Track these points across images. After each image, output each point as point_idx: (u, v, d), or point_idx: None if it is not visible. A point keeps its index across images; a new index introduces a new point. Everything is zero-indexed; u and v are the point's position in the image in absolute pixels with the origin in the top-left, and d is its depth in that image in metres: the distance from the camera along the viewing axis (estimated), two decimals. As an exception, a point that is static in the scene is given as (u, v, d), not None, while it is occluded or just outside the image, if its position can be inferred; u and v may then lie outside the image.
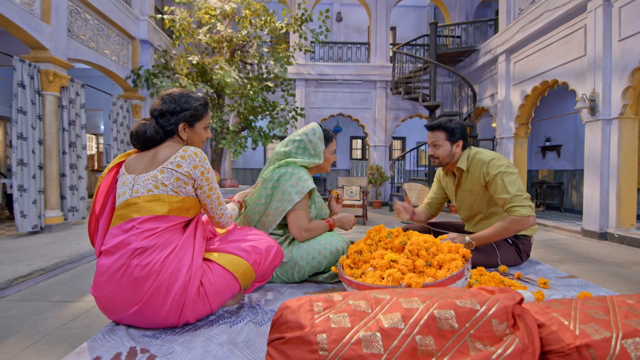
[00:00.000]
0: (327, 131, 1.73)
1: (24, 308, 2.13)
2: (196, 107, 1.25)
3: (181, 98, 1.24)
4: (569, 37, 4.84)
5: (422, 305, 0.74)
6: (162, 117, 1.22)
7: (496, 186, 1.72)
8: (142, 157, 1.19)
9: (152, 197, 1.10)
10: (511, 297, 0.77)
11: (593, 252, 3.63)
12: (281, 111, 6.92)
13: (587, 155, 4.51)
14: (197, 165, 1.15)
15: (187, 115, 1.24)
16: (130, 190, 1.12)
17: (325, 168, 1.76)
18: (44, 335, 1.76)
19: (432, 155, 1.92)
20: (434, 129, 1.90)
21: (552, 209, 7.55)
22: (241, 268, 1.18)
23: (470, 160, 1.88)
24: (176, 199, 1.13)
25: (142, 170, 1.15)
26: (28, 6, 3.73)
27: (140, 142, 1.19)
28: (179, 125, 1.23)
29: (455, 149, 1.89)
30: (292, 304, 0.79)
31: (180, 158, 1.14)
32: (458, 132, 1.88)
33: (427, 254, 1.08)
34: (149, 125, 1.20)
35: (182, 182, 1.13)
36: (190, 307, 1.04)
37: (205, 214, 1.27)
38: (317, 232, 1.55)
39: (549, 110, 7.72)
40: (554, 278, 1.58)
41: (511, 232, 1.65)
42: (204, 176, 1.17)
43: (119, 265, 1.01)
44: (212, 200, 1.22)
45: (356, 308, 0.76)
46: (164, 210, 1.10)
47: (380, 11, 8.77)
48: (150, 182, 1.11)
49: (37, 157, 3.90)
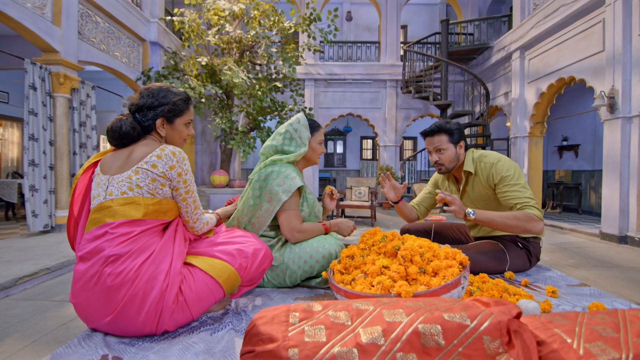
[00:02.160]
0: (313, 121, 1.68)
1: (26, 307, 2.14)
2: (175, 101, 1.19)
3: (160, 92, 1.18)
4: (587, 32, 4.64)
5: (406, 318, 0.67)
6: (139, 112, 1.17)
7: (506, 189, 1.63)
8: (118, 155, 1.14)
9: (127, 200, 1.04)
10: (506, 311, 0.70)
11: (611, 256, 3.46)
12: (290, 111, 6.90)
13: (606, 155, 4.31)
14: (174, 165, 1.09)
15: (165, 110, 1.17)
16: (104, 193, 1.07)
17: (313, 159, 1.69)
18: (43, 335, 1.77)
19: (437, 161, 1.81)
20: (434, 133, 1.79)
21: (570, 210, 7.28)
22: (225, 273, 1.13)
23: (477, 163, 1.78)
24: (152, 202, 1.07)
25: (116, 171, 1.10)
26: (39, 10, 3.80)
27: (116, 138, 1.14)
28: (156, 121, 1.17)
29: (459, 150, 1.79)
30: (267, 313, 0.74)
31: (156, 157, 1.08)
32: (457, 132, 1.79)
33: (421, 260, 1.01)
34: (124, 121, 1.15)
35: (158, 184, 1.08)
36: (168, 315, 0.99)
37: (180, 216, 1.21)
38: (311, 234, 1.50)
39: (565, 108, 7.46)
40: (564, 286, 1.48)
41: (520, 226, 1.51)
42: (181, 178, 1.11)
43: (92, 273, 0.97)
44: (188, 204, 1.16)
45: (335, 320, 0.70)
46: (139, 214, 1.04)
47: (391, 9, 8.65)
48: (125, 184, 1.06)
49: (48, 157, 3.97)
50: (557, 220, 5.82)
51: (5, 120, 7.33)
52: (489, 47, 7.28)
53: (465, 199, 1.88)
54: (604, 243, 4.16)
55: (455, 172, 1.90)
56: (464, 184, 1.84)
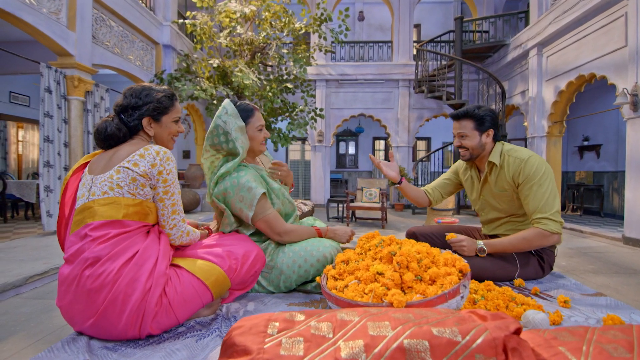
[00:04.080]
0: (245, 105, 1.48)
1: (34, 306, 2.18)
2: (159, 99, 1.18)
3: (142, 91, 1.17)
4: (608, 27, 4.44)
5: (392, 332, 0.62)
6: (124, 112, 1.15)
7: (529, 191, 1.53)
8: (103, 156, 1.13)
9: (107, 200, 1.03)
10: (503, 326, 0.63)
11: (635, 262, 3.28)
12: (300, 112, 6.88)
13: (629, 155, 4.11)
14: (156, 163, 1.07)
15: (150, 109, 1.16)
16: (87, 193, 1.06)
17: (256, 149, 1.50)
18: (46, 334, 1.78)
19: (460, 146, 1.70)
20: (460, 117, 1.68)
21: (591, 213, 6.98)
22: (213, 275, 1.09)
23: (504, 156, 1.66)
24: (132, 202, 1.05)
25: (100, 171, 1.09)
26: (55, 15, 3.90)
27: (101, 139, 1.14)
28: (142, 121, 1.16)
29: (485, 139, 1.67)
30: (246, 322, 0.70)
31: (139, 156, 1.07)
32: (488, 119, 1.65)
33: (418, 267, 0.96)
34: (110, 122, 1.14)
35: (138, 184, 1.05)
36: (150, 318, 0.96)
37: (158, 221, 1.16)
38: (300, 235, 1.42)
39: (586, 106, 7.17)
40: (578, 295, 1.38)
41: (533, 246, 1.48)
42: (160, 176, 1.08)
43: (74, 276, 0.96)
44: (165, 207, 1.11)
45: (316, 332, 0.65)
46: (119, 214, 1.02)
47: (403, 8, 8.53)
48: (106, 184, 1.04)
49: (63, 159, 4.07)
50: (577, 223, 5.59)
51: (27, 122, 7.59)
52: (504, 44, 7.08)
53: (486, 191, 1.77)
54: (627, 248, 3.95)
55: (478, 161, 1.78)
56: (486, 174, 1.73)
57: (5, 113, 7.10)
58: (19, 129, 7.57)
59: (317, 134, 8.58)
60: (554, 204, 1.50)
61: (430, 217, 5.33)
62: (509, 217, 1.75)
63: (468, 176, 1.88)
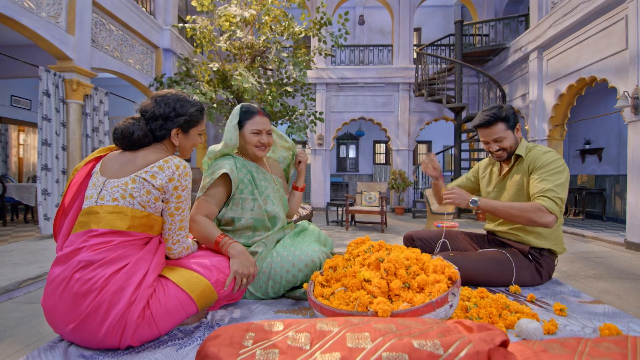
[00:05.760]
0: (249, 106, 1.53)
1: (26, 310, 2.16)
2: (192, 112, 1.16)
3: (177, 102, 1.14)
4: (608, 30, 4.41)
5: (371, 344, 0.59)
6: (153, 120, 1.12)
7: (540, 175, 1.53)
8: (119, 158, 1.10)
9: (115, 209, 1.00)
10: (488, 339, 0.60)
11: (637, 267, 3.22)
12: (300, 116, 6.88)
13: (631, 159, 4.06)
14: (174, 178, 1.05)
15: (181, 121, 1.14)
16: (96, 195, 1.03)
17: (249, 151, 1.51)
18: (36, 339, 1.76)
19: (499, 149, 1.70)
20: (491, 124, 1.67)
21: (593, 217, 6.91)
22: (199, 287, 1.05)
23: (528, 151, 1.70)
24: (140, 214, 1.02)
25: (114, 174, 1.05)
26: (54, 19, 3.92)
27: (125, 143, 1.10)
28: (171, 131, 1.14)
29: (517, 134, 1.71)
30: (222, 332, 0.68)
31: (158, 168, 1.04)
32: (512, 116, 1.69)
33: (406, 274, 0.93)
34: (138, 126, 1.10)
35: (152, 197, 1.03)
36: (132, 331, 0.93)
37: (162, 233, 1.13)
38: (201, 231, 1.29)
39: (587, 110, 7.12)
40: (575, 303, 1.34)
41: (525, 217, 1.44)
42: (176, 191, 1.06)
43: (63, 277, 0.94)
44: (174, 221, 1.09)
45: (292, 343, 0.63)
46: (124, 225, 1.00)
47: (403, 12, 8.54)
48: (118, 190, 1.01)
49: (61, 162, 4.07)
50: (579, 227, 5.53)
51: (28, 126, 7.62)
52: (505, 48, 7.07)
53: (503, 183, 1.79)
54: (629, 253, 3.89)
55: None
56: (510, 167, 1.74)
57: (7, 116, 7.13)
58: (20, 132, 7.60)
59: (317, 137, 8.56)
60: (561, 192, 1.48)
61: (430, 221, 5.29)
62: None
63: (489, 171, 1.91)
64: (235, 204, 1.45)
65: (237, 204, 1.45)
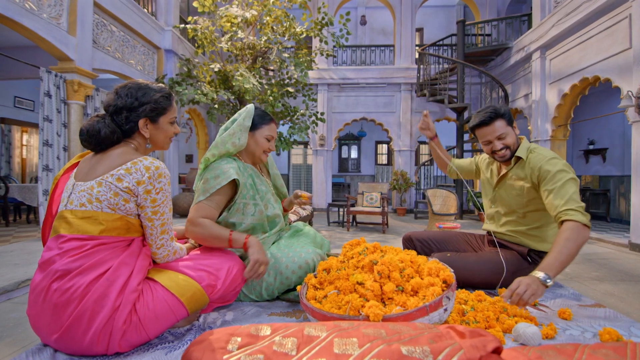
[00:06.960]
0: (265, 113, 1.51)
1: (24, 311, 2.15)
2: (157, 99, 1.09)
3: (139, 91, 1.08)
4: (612, 29, 4.37)
5: (358, 350, 0.58)
6: (117, 113, 1.06)
7: (552, 188, 1.46)
8: (90, 160, 1.06)
9: (85, 214, 0.95)
10: (480, 346, 0.58)
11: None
12: (302, 116, 6.87)
13: (635, 160, 4.01)
14: (143, 181, 0.98)
15: (147, 110, 1.07)
16: (66, 199, 1.00)
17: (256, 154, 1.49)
18: (32, 341, 1.75)
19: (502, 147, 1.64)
20: (492, 120, 1.62)
21: (597, 218, 6.85)
22: (189, 291, 1.02)
23: (529, 152, 1.65)
24: (112, 218, 0.97)
25: (82, 177, 1.02)
26: (55, 20, 3.93)
27: (93, 143, 1.04)
28: (139, 122, 1.08)
29: (515, 132, 1.69)
30: (208, 337, 0.66)
31: (124, 171, 0.98)
32: (508, 114, 1.67)
33: (400, 277, 0.91)
34: (103, 124, 1.05)
35: (120, 199, 0.97)
36: (119, 337, 0.90)
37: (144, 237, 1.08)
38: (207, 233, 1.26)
39: (591, 110, 7.06)
40: (576, 306, 1.31)
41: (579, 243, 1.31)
42: (149, 195, 0.99)
43: (42, 287, 0.91)
44: (154, 227, 1.04)
45: (278, 349, 0.61)
46: (95, 230, 0.95)
47: (405, 12, 8.51)
48: (85, 195, 0.97)
49: (62, 163, 4.07)
50: (583, 228, 5.47)
51: (31, 127, 7.66)
52: (507, 47, 7.02)
53: (501, 185, 1.74)
54: (634, 254, 3.85)
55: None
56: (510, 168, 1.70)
57: (10, 117, 7.17)
58: (23, 133, 7.65)
59: (318, 138, 8.55)
60: (579, 199, 1.43)
61: (432, 222, 5.25)
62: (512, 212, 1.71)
63: (489, 171, 1.88)
64: (236, 210, 1.42)
65: (238, 209, 1.42)
